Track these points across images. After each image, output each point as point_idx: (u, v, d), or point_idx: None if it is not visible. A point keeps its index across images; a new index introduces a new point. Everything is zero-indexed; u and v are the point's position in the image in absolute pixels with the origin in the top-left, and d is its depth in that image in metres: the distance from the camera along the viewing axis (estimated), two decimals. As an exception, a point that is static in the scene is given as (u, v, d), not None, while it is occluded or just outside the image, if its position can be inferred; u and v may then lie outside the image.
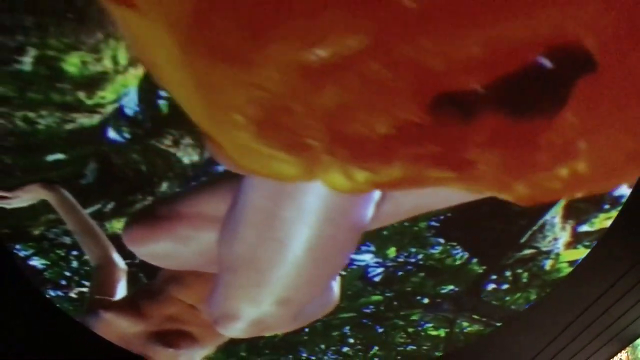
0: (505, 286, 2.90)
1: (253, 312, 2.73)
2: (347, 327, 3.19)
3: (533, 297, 2.96)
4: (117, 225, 2.54)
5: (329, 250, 2.49)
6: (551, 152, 1.76)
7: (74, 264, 2.76)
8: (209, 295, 2.77)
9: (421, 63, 1.34)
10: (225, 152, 1.72)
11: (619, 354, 3.84)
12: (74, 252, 2.69)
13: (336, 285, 2.81)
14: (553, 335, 3.58)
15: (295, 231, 2.28)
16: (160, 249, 2.49)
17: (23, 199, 2.36)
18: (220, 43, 1.28)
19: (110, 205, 2.44)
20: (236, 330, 2.87)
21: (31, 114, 1.79)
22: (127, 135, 2.11)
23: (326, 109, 1.41)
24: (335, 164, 1.63)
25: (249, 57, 1.29)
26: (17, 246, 2.61)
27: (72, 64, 1.61)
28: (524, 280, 2.85)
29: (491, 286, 2.90)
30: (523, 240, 2.61)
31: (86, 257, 2.70)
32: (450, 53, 1.34)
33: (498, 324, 3.21)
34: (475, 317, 3.12)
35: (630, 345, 3.90)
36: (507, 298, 2.98)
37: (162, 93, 1.88)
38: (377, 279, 2.83)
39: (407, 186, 1.80)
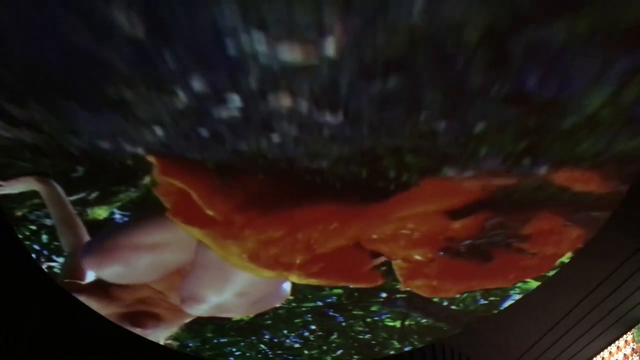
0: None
1: (216, 299, 3.34)
2: (309, 315, 3.56)
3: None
4: (99, 212, 2.78)
5: None
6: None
7: (44, 238, 2.95)
8: (182, 279, 3.22)
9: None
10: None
11: (624, 336, 4.14)
12: (46, 228, 2.87)
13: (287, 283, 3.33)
14: (559, 317, 3.82)
15: None
16: (113, 272, 3.14)
17: (15, 187, 2.59)
18: (227, 232, 2.83)
19: (94, 194, 2.67)
20: (200, 310, 3.47)
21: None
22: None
23: (274, 255, 2.98)
24: (294, 274, 3.16)
25: (239, 234, 2.85)
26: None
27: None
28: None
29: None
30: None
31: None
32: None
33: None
34: (426, 313, 3.46)
35: (636, 327, 4.04)
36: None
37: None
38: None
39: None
